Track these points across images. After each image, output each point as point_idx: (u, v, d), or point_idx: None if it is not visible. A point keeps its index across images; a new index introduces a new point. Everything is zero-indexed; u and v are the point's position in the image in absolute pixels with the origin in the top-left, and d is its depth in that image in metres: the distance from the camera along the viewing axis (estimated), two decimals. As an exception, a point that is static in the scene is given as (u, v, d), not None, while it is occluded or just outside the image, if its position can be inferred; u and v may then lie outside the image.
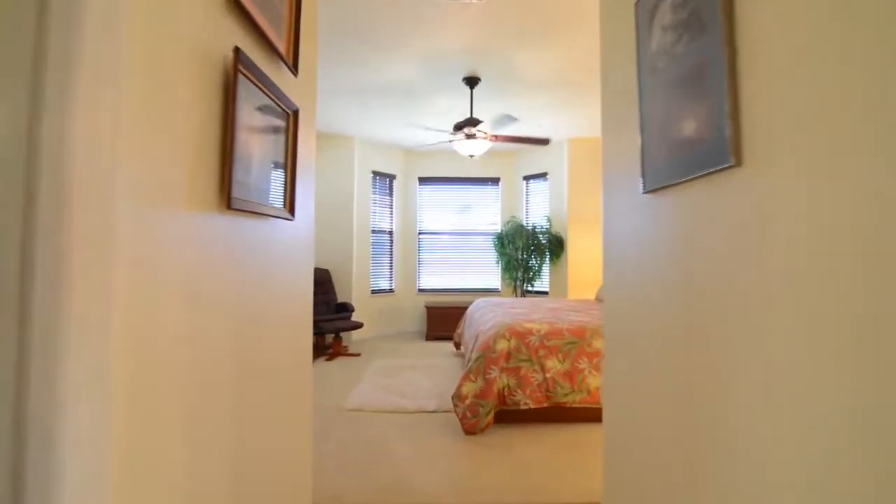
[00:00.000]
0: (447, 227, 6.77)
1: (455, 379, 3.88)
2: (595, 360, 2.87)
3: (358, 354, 5.02)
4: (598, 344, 2.90)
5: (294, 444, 1.38)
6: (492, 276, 6.71)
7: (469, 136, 3.93)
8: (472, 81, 3.95)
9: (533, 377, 2.83)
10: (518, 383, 2.81)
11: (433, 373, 4.13)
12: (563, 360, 2.86)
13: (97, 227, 0.55)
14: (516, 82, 4.01)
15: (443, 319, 5.97)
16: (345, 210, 5.88)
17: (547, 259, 6.08)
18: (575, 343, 2.91)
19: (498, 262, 6.49)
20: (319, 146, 6.03)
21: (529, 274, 6.13)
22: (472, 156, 4.11)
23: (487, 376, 2.79)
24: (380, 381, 3.85)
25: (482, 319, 3.59)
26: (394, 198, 6.58)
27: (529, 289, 6.27)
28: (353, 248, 5.88)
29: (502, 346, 2.88)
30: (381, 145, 6.31)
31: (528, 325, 3.00)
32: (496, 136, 3.98)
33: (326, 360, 4.79)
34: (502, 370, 2.83)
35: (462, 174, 6.70)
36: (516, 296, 6.24)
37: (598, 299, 4.81)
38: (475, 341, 3.22)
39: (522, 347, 2.88)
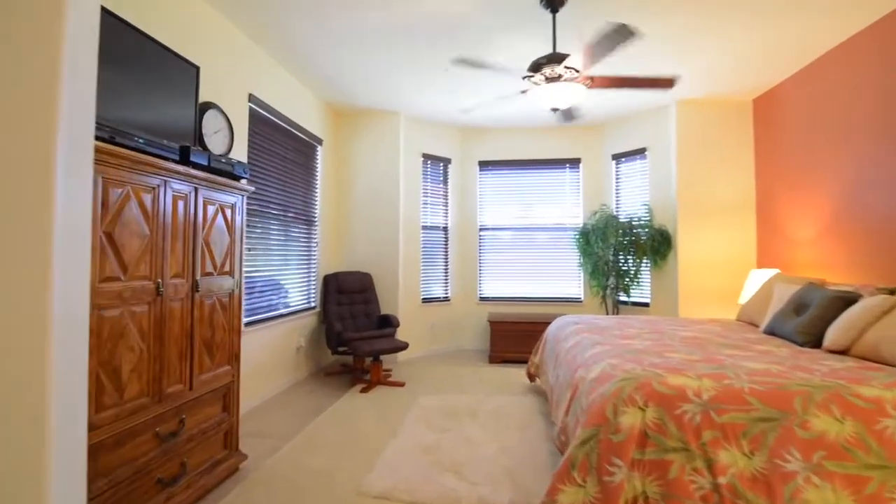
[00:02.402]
0: (515, 222, 5.49)
1: (535, 434, 2.60)
2: (817, 456, 1.48)
3: (402, 384, 3.89)
4: (821, 424, 1.51)
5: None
6: (572, 283, 5.33)
7: (551, 80, 2.65)
8: (554, 2, 2.68)
9: (693, 483, 1.51)
10: (664, 493, 1.50)
11: (501, 422, 2.89)
12: (752, 453, 1.51)
13: None
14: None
15: (511, 337, 4.73)
16: (389, 201, 4.80)
17: (647, 262, 4.62)
18: (773, 421, 1.54)
19: (582, 265, 5.10)
20: (357, 124, 5.03)
21: (624, 280, 4.70)
22: (555, 109, 2.82)
23: (606, 478, 1.51)
24: (423, 436, 2.67)
25: (579, 355, 2.29)
26: (449, 186, 5.41)
27: (623, 300, 4.82)
28: (399, 248, 4.79)
29: (632, 420, 1.58)
30: (432, 122, 5.17)
31: (675, 382, 1.67)
32: (593, 79, 2.67)
33: (362, 391, 3.70)
34: (633, 466, 1.53)
35: (532, 156, 5.40)
36: (605, 308, 4.83)
37: (745, 321, 3.29)
38: (572, 399, 1.94)
39: (670, 424, 1.56)
